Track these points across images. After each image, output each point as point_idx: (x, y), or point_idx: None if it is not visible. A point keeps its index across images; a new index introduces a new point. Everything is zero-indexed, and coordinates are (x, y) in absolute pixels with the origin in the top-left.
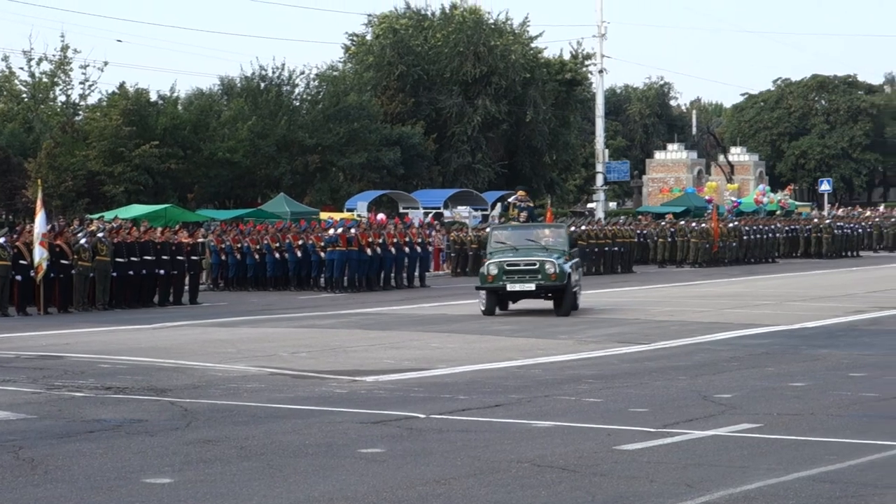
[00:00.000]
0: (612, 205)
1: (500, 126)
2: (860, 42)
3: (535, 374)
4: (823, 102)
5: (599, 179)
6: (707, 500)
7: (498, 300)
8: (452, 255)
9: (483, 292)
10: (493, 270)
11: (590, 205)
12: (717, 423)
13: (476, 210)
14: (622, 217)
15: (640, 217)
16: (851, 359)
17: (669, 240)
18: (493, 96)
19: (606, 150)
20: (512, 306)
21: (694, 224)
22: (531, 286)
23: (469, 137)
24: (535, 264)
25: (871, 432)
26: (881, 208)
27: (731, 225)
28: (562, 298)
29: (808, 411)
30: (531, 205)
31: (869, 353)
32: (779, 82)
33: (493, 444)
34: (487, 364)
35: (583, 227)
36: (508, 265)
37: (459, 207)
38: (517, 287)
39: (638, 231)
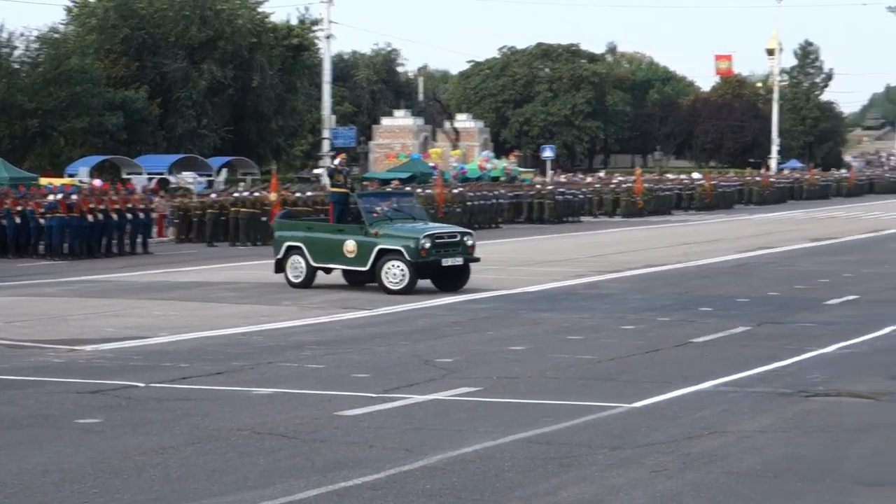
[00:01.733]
0: None
1: (226, 91)
2: (583, 12)
3: (257, 341)
4: (547, 70)
5: (326, 145)
6: (425, 464)
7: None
8: (177, 221)
9: (405, 267)
10: (427, 244)
11: (316, 171)
12: (437, 388)
13: (201, 176)
14: None
15: (366, 183)
16: (570, 322)
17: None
18: (219, 61)
19: (333, 116)
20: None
21: (419, 190)
22: (459, 260)
23: (194, 102)
24: (456, 237)
25: (586, 394)
26: (601, 174)
27: (455, 191)
28: (466, 274)
29: (526, 374)
30: (349, 169)
31: (587, 317)
32: (504, 50)
33: (214, 413)
34: (210, 331)
35: (308, 193)
36: (437, 238)
37: (184, 173)
38: (449, 262)
39: None
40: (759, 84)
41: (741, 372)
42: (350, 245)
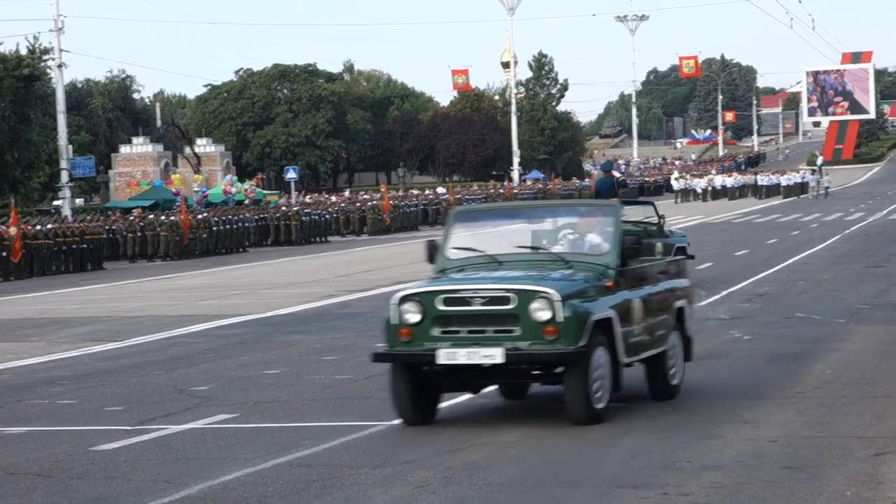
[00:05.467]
0: (80, 201)
1: None
2: (318, 32)
3: (4, 380)
4: (286, 91)
5: (64, 176)
6: (186, 494)
7: None
8: None
9: None
10: None
11: (56, 202)
12: (193, 416)
13: None
14: (90, 213)
15: (109, 212)
16: (324, 343)
17: (139, 234)
18: None
19: (70, 146)
20: None
21: (163, 217)
22: None
23: None
24: None
25: (344, 414)
26: (346, 193)
27: (200, 216)
28: None
29: (283, 398)
30: None
31: (340, 337)
32: (241, 73)
33: None
34: None
35: (49, 226)
36: None
37: None
38: None
39: (107, 227)
40: (497, 97)
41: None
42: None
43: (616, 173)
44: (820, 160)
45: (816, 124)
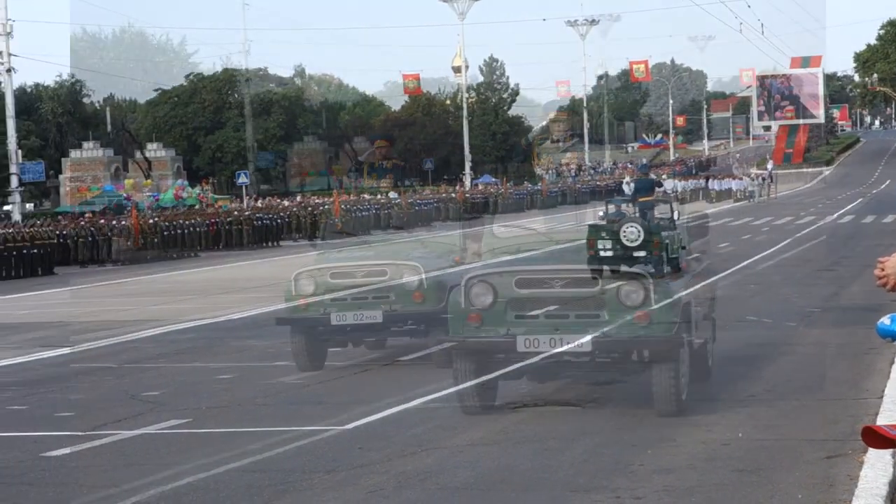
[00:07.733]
0: (30, 206)
1: None
2: (268, 35)
3: None
4: (237, 96)
5: (14, 181)
6: (137, 500)
7: None
8: None
9: None
10: None
11: (6, 207)
12: (145, 422)
13: None
14: (39, 218)
15: (59, 217)
16: (276, 348)
17: (90, 239)
18: None
19: (20, 151)
20: None
21: (114, 222)
22: None
23: None
24: None
25: (297, 419)
26: (298, 198)
27: (151, 221)
28: None
29: (236, 402)
30: None
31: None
32: (191, 77)
33: None
34: None
35: None
36: None
37: None
38: None
39: (57, 232)
40: (448, 101)
41: (450, 387)
42: None
43: (653, 175)
44: (770, 164)
45: (766, 129)
